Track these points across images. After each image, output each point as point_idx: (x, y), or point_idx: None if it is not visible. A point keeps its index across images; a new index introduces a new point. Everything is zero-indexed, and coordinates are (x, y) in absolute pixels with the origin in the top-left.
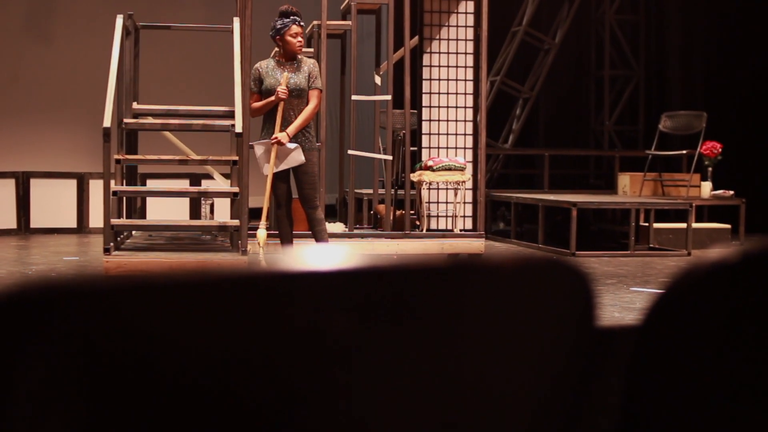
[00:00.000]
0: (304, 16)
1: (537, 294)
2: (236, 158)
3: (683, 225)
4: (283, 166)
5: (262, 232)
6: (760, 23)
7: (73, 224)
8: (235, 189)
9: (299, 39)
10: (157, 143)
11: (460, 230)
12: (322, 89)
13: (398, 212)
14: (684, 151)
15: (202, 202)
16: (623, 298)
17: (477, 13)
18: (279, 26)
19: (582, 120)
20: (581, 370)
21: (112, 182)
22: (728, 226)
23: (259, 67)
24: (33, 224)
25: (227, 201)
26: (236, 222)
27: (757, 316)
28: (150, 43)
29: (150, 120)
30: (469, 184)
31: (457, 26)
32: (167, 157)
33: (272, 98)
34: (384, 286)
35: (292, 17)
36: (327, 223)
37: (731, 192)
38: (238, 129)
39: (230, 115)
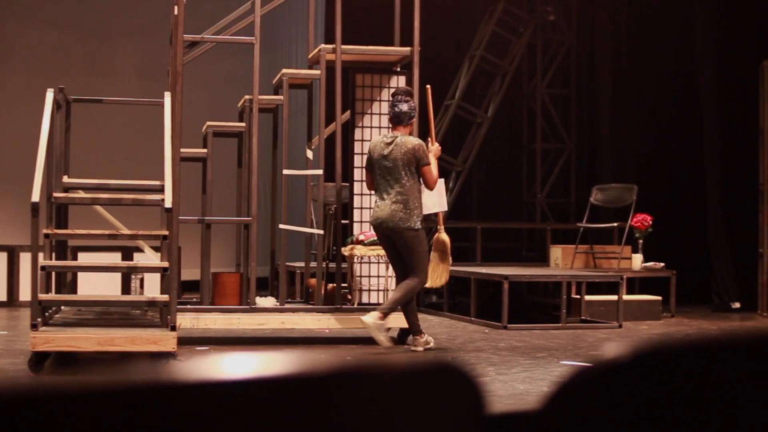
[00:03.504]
0: (237, 90)
1: (427, 396)
2: (166, 233)
3: (615, 297)
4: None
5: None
6: (689, 95)
7: (4, 297)
8: (165, 264)
9: None
10: (89, 216)
11: None
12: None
13: (330, 286)
14: (615, 224)
15: (132, 276)
16: (553, 372)
17: None
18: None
19: (514, 193)
20: None
21: (41, 256)
22: (659, 297)
23: None
24: None
25: (158, 275)
26: (166, 297)
27: (647, 413)
28: (82, 116)
29: (80, 194)
30: None
31: (389, 101)
32: (97, 231)
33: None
34: (273, 396)
35: None
36: (258, 298)
37: (662, 264)
38: (168, 204)
39: (162, 189)
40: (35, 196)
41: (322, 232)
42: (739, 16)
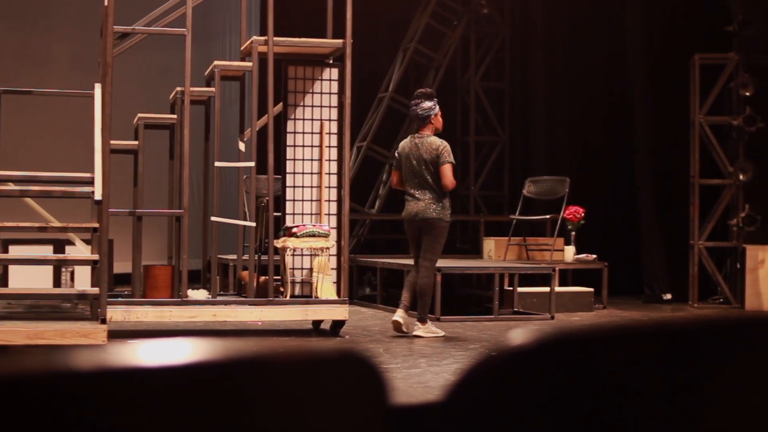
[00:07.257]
0: (168, 82)
1: (329, 384)
2: (97, 225)
3: (547, 289)
4: None
5: None
6: (622, 88)
7: None
8: (95, 257)
9: None
10: (19, 209)
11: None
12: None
13: (262, 278)
14: (548, 216)
15: (63, 269)
16: None
17: (341, 80)
18: (435, 106)
19: None
20: None
21: None
22: (591, 289)
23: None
24: None
25: (89, 268)
26: (96, 290)
27: (551, 400)
28: (12, 108)
29: (10, 186)
30: (334, 250)
31: (321, 93)
32: (25, 224)
33: None
34: (175, 384)
35: (435, 99)
36: (190, 291)
37: (594, 256)
38: (98, 196)
39: (92, 181)
40: None
41: (254, 224)
42: (670, 11)
